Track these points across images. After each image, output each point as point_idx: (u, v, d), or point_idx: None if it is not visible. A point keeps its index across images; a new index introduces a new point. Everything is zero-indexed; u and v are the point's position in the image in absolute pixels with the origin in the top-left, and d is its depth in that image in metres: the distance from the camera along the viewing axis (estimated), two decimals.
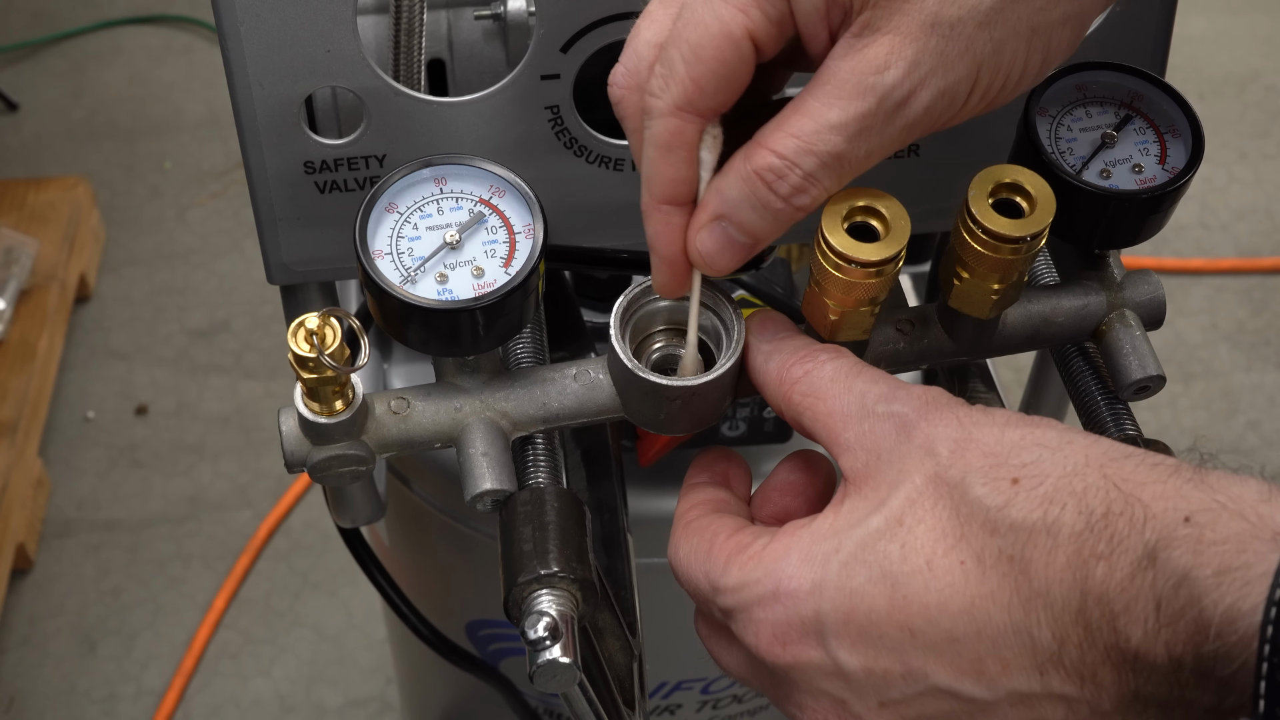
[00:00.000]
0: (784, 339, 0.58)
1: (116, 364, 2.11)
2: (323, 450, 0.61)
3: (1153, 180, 0.63)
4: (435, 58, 0.75)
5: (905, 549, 0.50)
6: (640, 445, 0.89)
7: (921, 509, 0.51)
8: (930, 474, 0.51)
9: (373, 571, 0.88)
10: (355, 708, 1.77)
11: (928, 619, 0.49)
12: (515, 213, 0.61)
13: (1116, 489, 0.48)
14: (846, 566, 0.51)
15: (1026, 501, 0.48)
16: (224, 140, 2.39)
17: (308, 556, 1.90)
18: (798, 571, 0.52)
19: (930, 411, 0.53)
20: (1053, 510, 0.48)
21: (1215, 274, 2.21)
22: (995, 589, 0.48)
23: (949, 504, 0.50)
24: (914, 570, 0.50)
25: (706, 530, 0.57)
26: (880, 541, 0.51)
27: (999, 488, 0.49)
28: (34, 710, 1.77)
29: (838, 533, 0.52)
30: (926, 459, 0.51)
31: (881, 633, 0.50)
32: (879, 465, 0.53)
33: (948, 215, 0.60)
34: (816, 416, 0.55)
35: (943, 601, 0.49)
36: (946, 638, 0.49)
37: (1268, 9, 2.63)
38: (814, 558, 0.52)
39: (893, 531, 0.50)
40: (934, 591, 0.49)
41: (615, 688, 0.69)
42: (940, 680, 0.50)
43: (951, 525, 0.50)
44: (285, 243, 0.69)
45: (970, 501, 0.49)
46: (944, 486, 0.50)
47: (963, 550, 0.49)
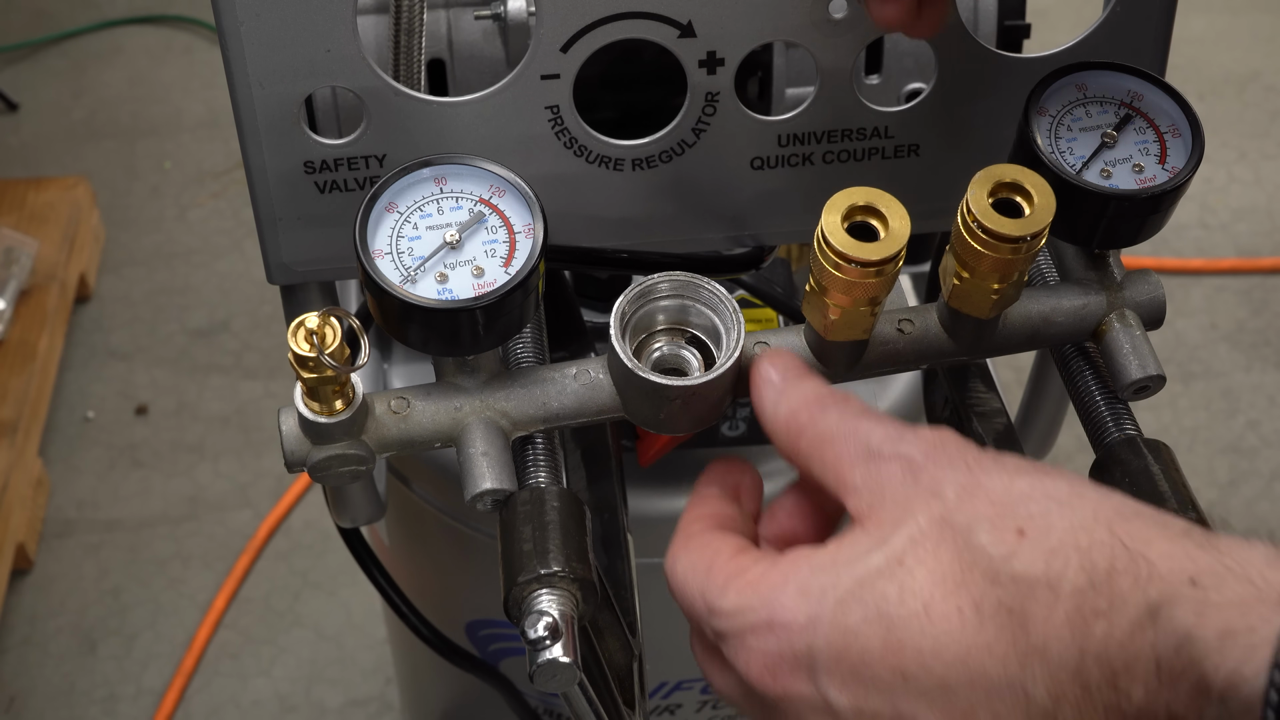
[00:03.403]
0: (794, 381, 0.58)
1: (116, 364, 2.11)
2: (323, 450, 0.61)
3: (1153, 180, 0.63)
4: (435, 58, 0.75)
5: (904, 590, 0.49)
6: (640, 445, 0.89)
7: (923, 550, 0.50)
8: (936, 516, 0.50)
9: (373, 571, 0.88)
10: (355, 708, 1.77)
11: (921, 664, 0.48)
12: (515, 212, 0.61)
13: (1123, 546, 0.47)
14: (843, 603, 0.50)
15: (1030, 554, 0.48)
16: (224, 140, 2.39)
17: (308, 556, 1.90)
18: (794, 603, 0.51)
19: (938, 454, 0.52)
20: (1056, 564, 0.47)
21: (1215, 274, 2.21)
22: (992, 640, 0.48)
23: (952, 548, 0.49)
24: (911, 614, 0.49)
25: (708, 547, 0.56)
26: (879, 581, 0.50)
27: (1004, 537, 0.48)
28: (34, 710, 1.77)
29: (837, 567, 0.51)
30: (933, 501, 0.51)
31: (873, 674, 0.49)
32: (884, 504, 0.52)
33: (948, 215, 0.60)
34: (825, 463, 0.55)
35: (938, 648, 0.48)
36: (939, 685, 0.48)
37: (1268, 9, 2.63)
38: (811, 591, 0.51)
39: (892, 571, 0.50)
40: (929, 637, 0.48)
41: (615, 688, 0.69)
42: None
43: (952, 570, 0.49)
44: (285, 243, 0.69)
45: (974, 548, 0.49)
46: (948, 530, 0.50)
47: (962, 597, 0.48)
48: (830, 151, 0.70)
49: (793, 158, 0.70)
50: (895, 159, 0.71)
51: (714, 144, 0.69)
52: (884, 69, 0.76)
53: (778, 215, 0.72)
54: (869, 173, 0.71)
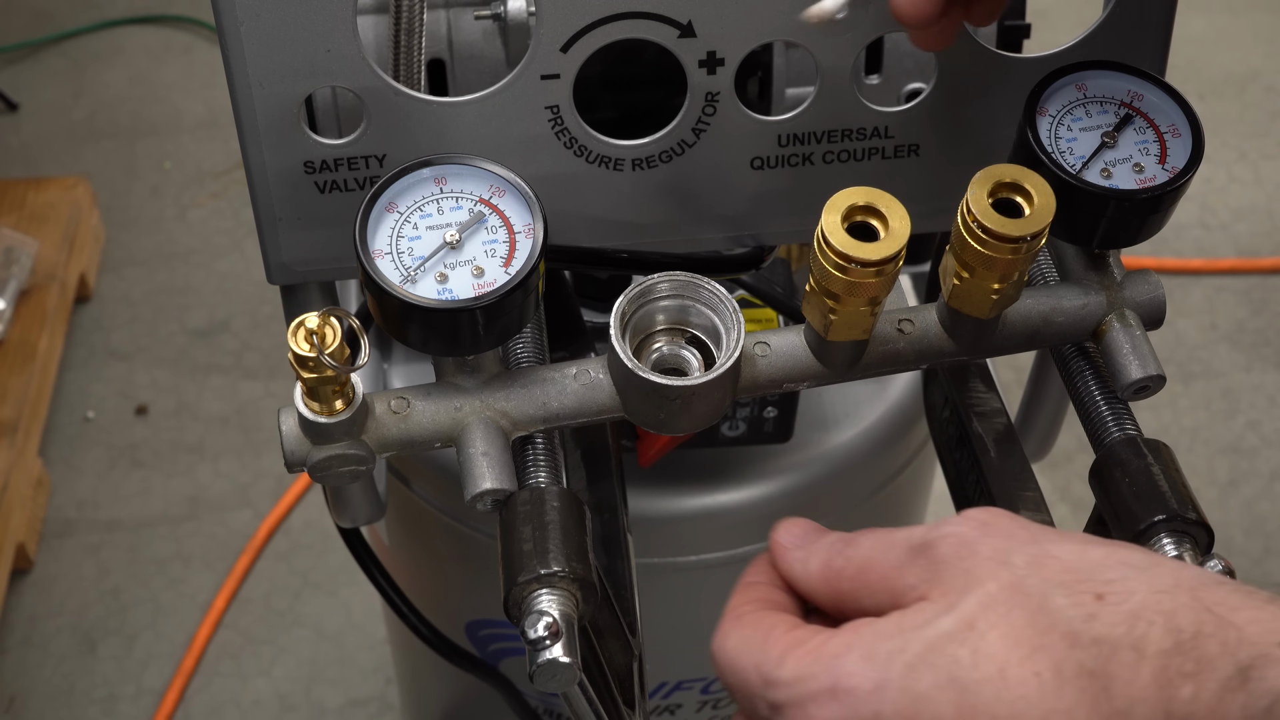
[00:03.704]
0: (814, 537, 0.56)
1: (116, 364, 2.11)
2: (323, 450, 0.61)
3: (1153, 180, 0.63)
4: (435, 58, 0.75)
5: (977, 654, 0.47)
6: (640, 445, 0.89)
7: (995, 614, 0.47)
8: (1005, 582, 0.48)
9: (373, 571, 0.88)
10: (355, 708, 1.77)
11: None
12: (515, 212, 0.61)
13: (1209, 611, 0.46)
14: (912, 668, 0.48)
15: (1112, 616, 0.46)
16: (224, 140, 2.39)
17: (308, 556, 1.90)
18: (859, 669, 0.49)
19: (993, 529, 0.50)
20: (1139, 627, 0.46)
21: (1215, 274, 2.21)
22: (1073, 705, 0.45)
23: (1025, 613, 0.47)
24: (985, 678, 0.46)
25: (762, 624, 0.54)
26: (950, 645, 0.47)
27: (1082, 601, 0.47)
28: (34, 710, 1.77)
29: (904, 632, 0.49)
30: (1000, 569, 0.49)
31: None
32: (944, 578, 0.50)
33: (948, 215, 0.60)
34: (873, 587, 0.52)
35: (1015, 714, 0.46)
36: None
37: (1268, 9, 2.63)
38: (877, 656, 0.49)
39: (963, 635, 0.47)
40: (1005, 703, 0.46)
41: (615, 688, 0.69)
42: None
43: (1028, 634, 0.47)
44: (285, 243, 0.69)
45: (1050, 611, 0.47)
46: (1020, 595, 0.48)
47: (1039, 661, 0.46)
48: (830, 151, 0.70)
49: (793, 158, 0.70)
50: (895, 159, 0.71)
51: (714, 144, 0.69)
52: (884, 69, 0.76)
53: (778, 215, 0.72)
54: (869, 173, 0.71)
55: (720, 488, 0.94)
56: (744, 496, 0.94)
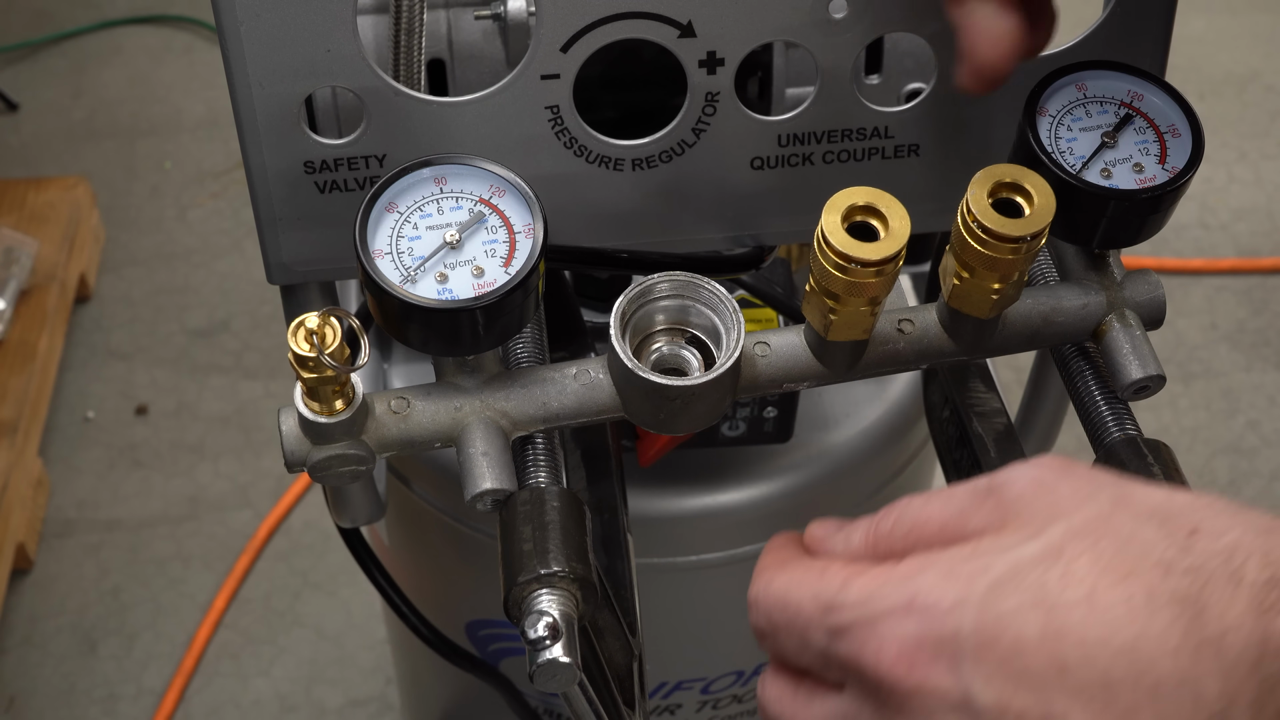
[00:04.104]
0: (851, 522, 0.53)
1: (116, 364, 2.11)
2: (323, 450, 0.61)
3: (1153, 180, 0.63)
4: (435, 58, 0.75)
5: (1066, 577, 0.45)
6: (640, 445, 0.89)
7: (1083, 543, 0.46)
8: (1091, 516, 0.46)
9: (373, 571, 0.88)
10: (355, 708, 1.77)
11: (1084, 655, 0.44)
12: (515, 212, 0.61)
13: None
14: (996, 588, 0.45)
15: (1207, 548, 0.44)
16: (224, 140, 2.39)
17: (308, 556, 1.90)
18: (938, 585, 0.46)
19: (1071, 471, 0.49)
20: (1236, 558, 0.44)
21: (1215, 274, 2.21)
22: (1164, 631, 0.44)
23: (1115, 542, 0.45)
24: (1074, 601, 0.44)
25: (814, 564, 0.51)
26: (1037, 568, 0.45)
27: (1175, 535, 0.45)
28: (34, 710, 1.77)
29: (984, 554, 0.47)
30: (1085, 503, 0.47)
31: (1027, 665, 0.45)
32: (1020, 511, 0.48)
33: (948, 215, 0.60)
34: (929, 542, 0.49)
35: (1104, 637, 0.44)
36: (1101, 680, 0.44)
37: (1268, 9, 2.63)
38: (958, 575, 0.46)
39: (1051, 560, 0.45)
40: (1095, 625, 0.44)
41: (615, 688, 0.69)
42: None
43: (1118, 562, 0.45)
44: (285, 243, 0.69)
45: (1142, 541, 0.45)
46: (1108, 528, 0.46)
47: (1131, 586, 0.44)
48: (830, 151, 0.70)
49: (793, 158, 0.70)
50: (895, 159, 0.71)
51: (714, 144, 0.69)
52: (884, 69, 0.76)
53: (778, 215, 0.72)
54: (869, 173, 0.71)
55: (720, 488, 0.94)
56: (744, 496, 0.94)
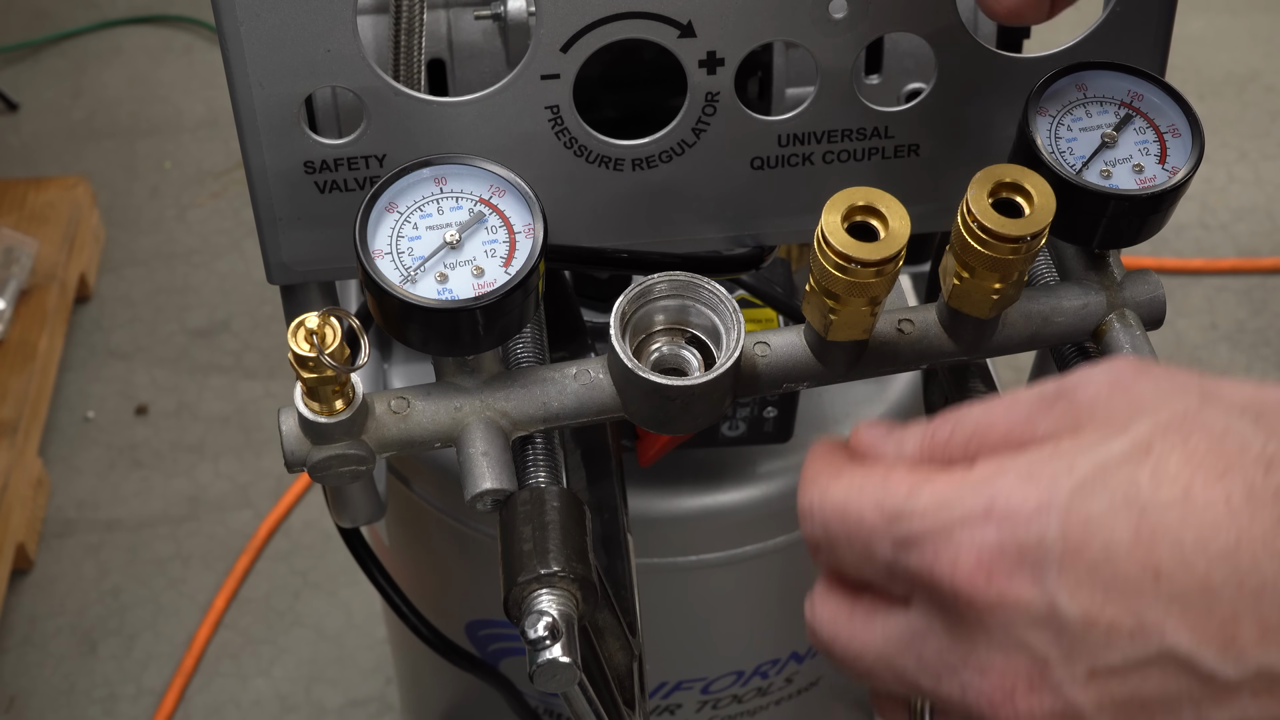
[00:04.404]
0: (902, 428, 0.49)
1: (116, 364, 2.11)
2: (323, 450, 0.61)
3: (1153, 180, 0.63)
4: (435, 58, 0.75)
5: (1157, 475, 0.41)
6: (640, 445, 0.89)
7: (1174, 439, 0.42)
8: (1178, 411, 0.42)
9: (373, 571, 0.88)
10: (355, 708, 1.77)
11: (1180, 559, 0.40)
12: (515, 212, 0.61)
13: None
14: (1082, 489, 0.42)
15: None
16: (224, 140, 2.39)
17: (308, 556, 1.90)
18: (1019, 489, 0.42)
19: (1149, 370, 0.44)
20: None
21: (1215, 274, 2.21)
22: (1268, 531, 0.40)
23: (1208, 438, 0.41)
24: (1169, 500, 0.41)
25: (875, 469, 0.47)
26: (1125, 466, 0.42)
27: (1274, 429, 0.41)
28: (34, 710, 1.77)
29: (1066, 455, 0.43)
30: (1170, 399, 0.43)
31: (1117, 571, 0.41)
32: (1097, 413, 0.44)
33: (948, 215, 0.60)
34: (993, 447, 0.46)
35: (1202, 539, 0.40)
36: (1200, 585, 0.40)
37: (1268, 9, 2.63)
38: (1040, 477, 0.42)
39: (1140, 458, 0.42)
40: (1192, 526, 0.40)
41: (615, 688, 0.69)
42: (1177, 644, 0.40)
43: (1213, 458, 0.41)
44: (285, 243, 0.69)
45: (1238, 436, 0.41)
46: (1198, 423, 0.42)
47: (1230, 483, 0.40)
48: (830, 151, 0.70)
49: (793, 158, 0.70)
50: (895, 159, 0.71)
51: (714, 144, 0.69)
52: (884, 69, 0.76)
53: (778, 215, 0.72)
54: (869, 173, 0.71)
55: (720, 488, 0.94)
56: (744, 496, 0.94)
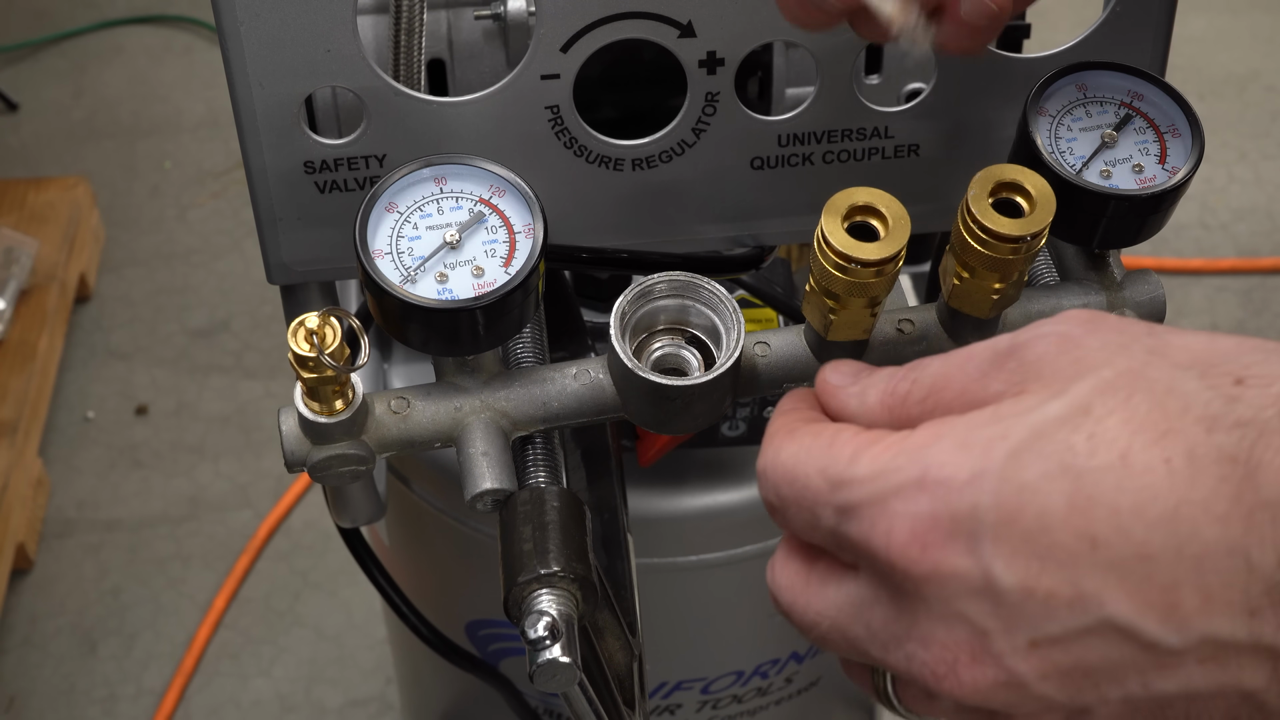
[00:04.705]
0: (866, 373, 0.49)
1: (116, 364, 2.11)
2: (323, 450, 0.61)
3: (1153, 180, 0.63)
4: (435, 58, 0.75)
5: (1094, 440, 0.40)
6: (640, 445, 0.89)
7: (1115, 399, 0.40)
8: (1123, 369, 0.41)
9: (373, 571, 0.88)
10: (355, 708, 1.77)
11: (1116, 526, 0.39)
12: (515, 212, 0.61)
13: None
14: (1016, 456, 0.41)
15: (1258, 399, 0.39)
16: (224, 140, 2.39)
17: (308, 556, 1.90)
18: (952, 457, 0.42)
19: (1101, 322, 0.43)
20: None
21: (1215, 274, 2.21)
22: (1209, 495, 0.38)
23: (1150, 397, 0.40)
24: (1105, 465, 0.39)
25: (823, 431, 0.46)
26: (1062, 430, 0.40)
27: (1219, 384, 0.40)
28: (34, 710, 1.77)
29: (1003, 419, 0.42)
30: (1116, 356, 0.42)
31: (1053, 540, 0.40)
32: (1043, 371, 0.43)
33: (948, 215, 0.60)
34: (949, 406, 0.45)
35: (1139, 504, 0.39)
36: (1137, 553, 0.39)
37: (1268, 9, 2.63)
38: (973, 444, 0.42)
39: (1077, 420, 0.40)
40: (1129, 492, 0.39)
41: (615, 688, 0.69)
42: (1117, 612, 0.39)
43: (1155, 418, 0.40)
44: (285, 243, 0.69)
45: (1181, 394, 0.40)
46: (1142, 380, 0.41)
47: (1170, 445, 0.39)
48: (830, 151, 0.70)
49: (793, 158, 0.70)
50: (895, 159, 0.71)
51: (714, 144, 0.69)
52: (884, 69, 0.76)
53: (778, 215, 0.72)
54: (869, 173, 0.71)
55: (720, 488, 0.94)
56: (744, 496, 0.94)
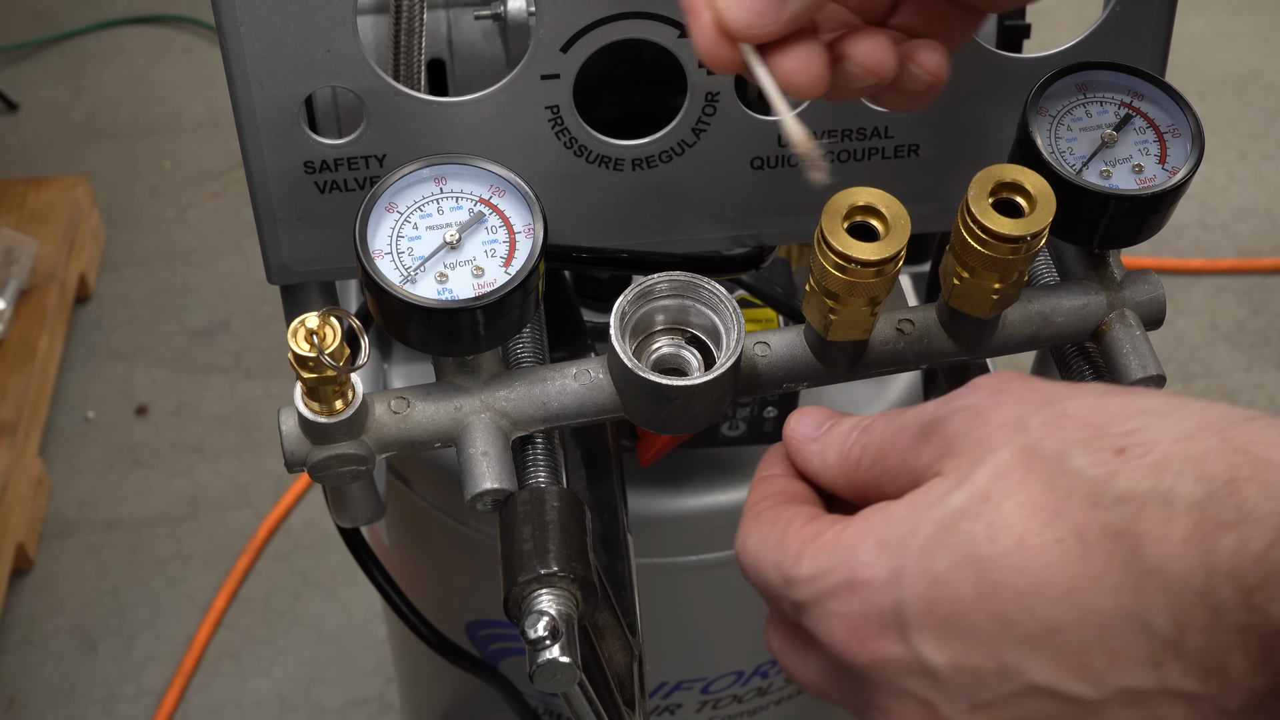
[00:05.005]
0: (829, 429, 0.55)
1: (116, 364, 2.11)
2: (323, 450, 0.61)
3: (1153, 180, 0.63)
4: (435, 58, 0.75)
5: (993, 528, 0.44)
6: (640, 445, 0.89)
7: (1009, 483, 0.45)
8: (1019, 447, 0.45)
9: (373, 571, 0.88)
10: (355, 708, 1.77)
11: (1022, 606, 0.44)
12: (515, 212, 0.61)
13: (1242, 452, 0.42)
14: (926, 551, 0.46)
15: (1135, 471, 0.43)
16: (224, 140, 2.39)
17: (308, 556, 1.90)
18: (873, 558, 0.47)
19: (1004, 396, 0.48)
20: (1166, 478, 0.42)
21: (1215, 274, 2.21)
22: (1100, 569, 0.42)
23: (1042, 477, 0.44)
24: (1004, 551, 0.44)
25: (779, 519, 0.52)
26: (964, 521, 0.45)
27: (1102, 458, 0.43)
28: (34, 710, 1.77)
29: (915, 514, 0.47)
30: (1014, 434, 0.46)
31: (970, 624, 0.45)
32: (956, 449, 0.48)
33: (948, 215, 0.60)
34: (893, 473, 0.50)
35: (1038, 585, 0.43)
36: (1044, 627, 0.43)
37: (1268, 9, 2.63)
38: (890, 542, 0.47)
39: (977, 509, 0.45)
40: (1028, 574, 0.43)
41: (615, 688, 0.69)
42: (1038, 678, 0.44)
43: (1046, 499, 0.44)
44: (285, 243, 0.69)
45: (1069, 473, 0.44)
46: (1035, 459, 0.45)
47: (1060, 526, 0.43)
48: (830, 151, 0.70)
49: (793, 158, 0.70)
50: (895, 159, 0.71)
51: (714, 144, 0.69)
52: None
53: (778, 215, 0.72)
54: (869, 173, 0.71)
55: (720, 488, 0.94)
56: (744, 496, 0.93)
